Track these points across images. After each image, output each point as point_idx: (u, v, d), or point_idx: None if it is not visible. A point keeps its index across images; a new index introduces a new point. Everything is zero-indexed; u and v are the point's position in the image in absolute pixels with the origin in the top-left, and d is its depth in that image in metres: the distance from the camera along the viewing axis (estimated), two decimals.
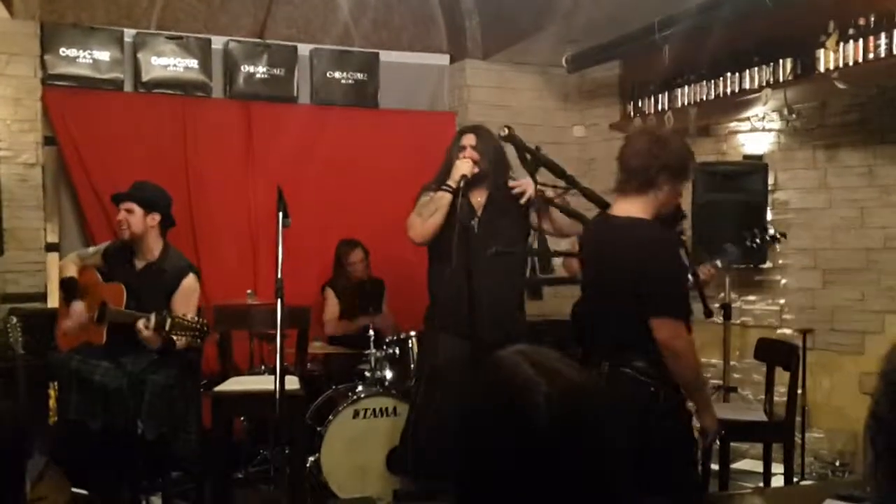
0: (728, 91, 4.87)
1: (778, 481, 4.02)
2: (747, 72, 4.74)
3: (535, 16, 5.20)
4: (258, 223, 5.31)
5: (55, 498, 3.37)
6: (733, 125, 5.28)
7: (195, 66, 5.34)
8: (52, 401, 4.01)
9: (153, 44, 5.26)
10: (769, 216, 4.91)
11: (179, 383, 3.81)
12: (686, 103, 5.13)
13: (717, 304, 4.49)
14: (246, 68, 5.47)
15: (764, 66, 4.64)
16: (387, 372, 4.44)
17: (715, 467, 4.00)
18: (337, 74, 5.72)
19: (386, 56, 5.86)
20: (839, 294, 4.74)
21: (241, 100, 5.47)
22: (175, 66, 5.30)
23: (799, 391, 4.09)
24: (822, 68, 4.32)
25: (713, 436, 2.75)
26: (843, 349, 4.67)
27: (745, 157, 5.11)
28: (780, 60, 4.55)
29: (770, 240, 4.62)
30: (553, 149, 4.29)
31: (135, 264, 3.95)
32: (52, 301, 4.76)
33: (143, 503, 3.94)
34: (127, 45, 5.21)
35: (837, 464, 4.62)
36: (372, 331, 4.48)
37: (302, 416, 4.05)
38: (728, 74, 4.85)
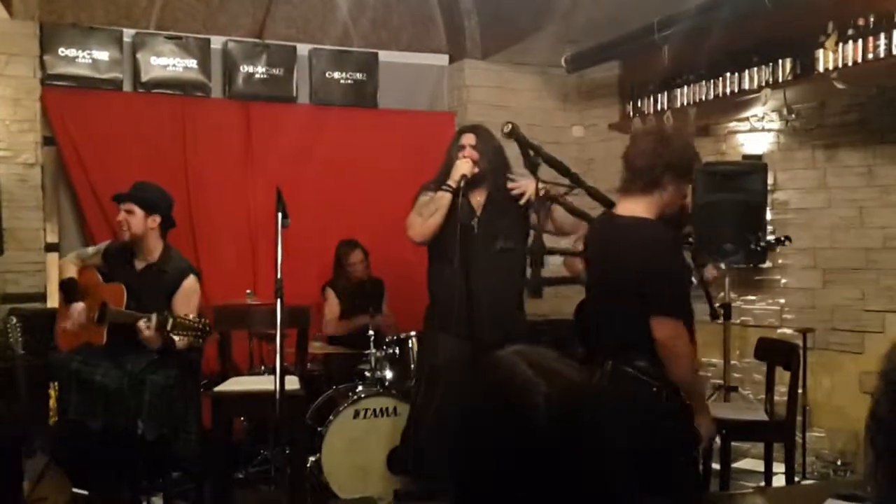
0: (727, 91, 4.88)
1: (779, 481, 4.02)
2: (746, 72, 4.75)
3: (535, 16, 5.19)
4: (257, 223, 5.31)
5: (55, 498, 3.37)
6: (733, 125, 5.28)
7: (194, 66, 5.35)
8: (52, 401, 4.01)
9: (152, 44, 5.26)
10: (769, 216, 4.91)
11: (179, 383, 3.81)
12: (685, 103, 5.13)
13: (717, 304, 4.48)
14: (245, 68, 5.47)
15: (763, 67, 4.65)
16: (387, 372, 4.45)
17: (716, 467, 4.00)
18: (336, 74, 5.71)
19: (385, 56, 5.86)
20: (839, 294, 4.74)
21: (240, 100, 5.47)
22: (174, 66, 5.30)
23: (799, 391, 4.09)
24: (821, 68, 4.33)
25: (708, 440, 2.75)
26: (843, 349, 4.67)
27: (745, 157, 5.10)
28: (780, 61, 4.55)
29: (775, 243, 4.62)
30: (552, 149, 4.22)
31: (135, 265, 3.95)
32: (52, 301, 4.77)
33: (144, 503, 3.94)
34: (126, 45, 5.21)
35: (838, 463, 4.62)
36: (372, 331, 4.48)
37: (302, 417, 4.05)
38: (727, 74, 4.85)
